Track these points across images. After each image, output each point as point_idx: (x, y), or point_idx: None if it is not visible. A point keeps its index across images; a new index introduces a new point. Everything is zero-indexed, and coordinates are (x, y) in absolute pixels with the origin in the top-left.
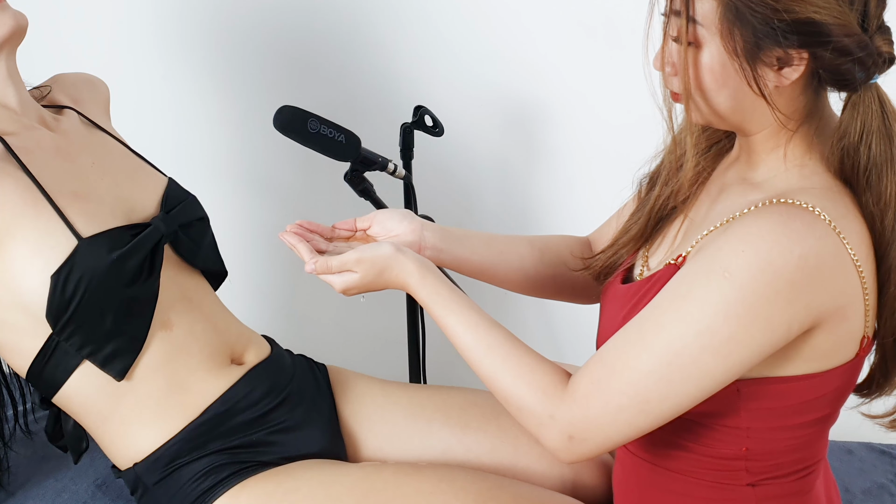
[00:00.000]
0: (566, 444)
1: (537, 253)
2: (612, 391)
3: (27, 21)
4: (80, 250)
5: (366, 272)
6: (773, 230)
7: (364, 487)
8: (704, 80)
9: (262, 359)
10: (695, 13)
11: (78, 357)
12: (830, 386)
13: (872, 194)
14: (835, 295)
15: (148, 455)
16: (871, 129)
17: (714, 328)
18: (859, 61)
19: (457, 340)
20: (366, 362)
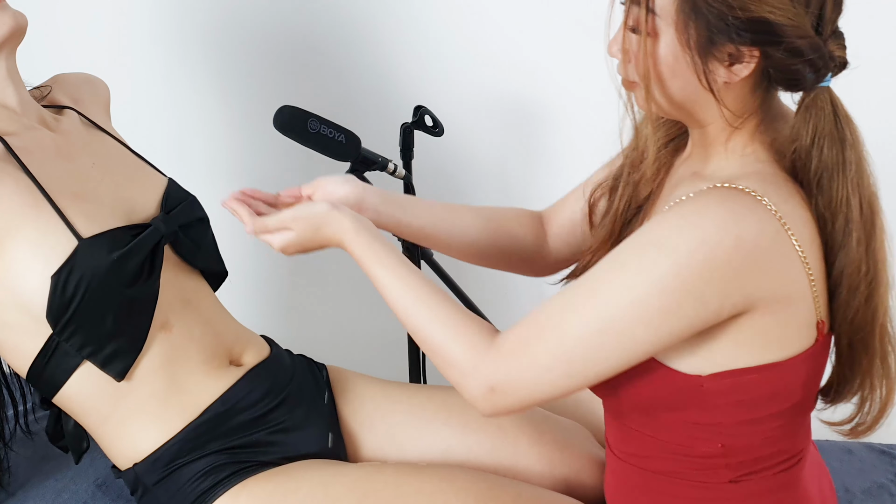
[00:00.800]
0: (487, 395)
1: (482, 222)
2: (540, 351)
3: (27, 21)
4: (81, 251)
5: (302, 230)
6: (713, 209)
7: (364, 487)
8: (658, 70)
9: (261, 359)
10: (653, 4)
11: (78, 357)
12: (795, 374)
13: (823, 198)
14: (774, 279)
15: (148, 455)
16: (824, 133)
17: (646, 300)
18: (810, 63)
19: (388, 294)
20: (366, 362)
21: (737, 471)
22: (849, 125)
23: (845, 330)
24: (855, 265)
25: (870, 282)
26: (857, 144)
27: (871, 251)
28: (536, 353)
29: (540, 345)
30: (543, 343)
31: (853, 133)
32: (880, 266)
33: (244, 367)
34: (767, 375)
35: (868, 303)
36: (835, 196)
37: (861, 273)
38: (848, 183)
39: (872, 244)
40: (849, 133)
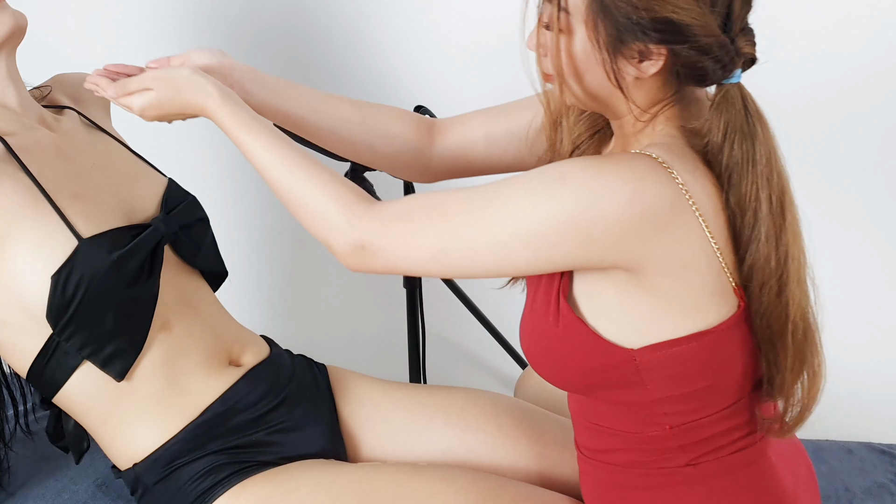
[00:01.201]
0: (357, 251)
1: (357, 117)
2: (418, 230)
3: (27, 21)
4: (81, 251)
5: (162, 89)
6: (619, 165)
7: (364, 487)
8: (571, 66)
9: (261, 359)
10: (566, 3)
11: (78, 357)
12: (724, 342)
13: (733, 193)
14: (670, 241)
15: (147, 455)
16: (735, 128)
17: (531, 220)
18: (717, 60)
19: (257, 159)
20: (366, 362)
21: (691, 453)
22: (759, 120)
23: (760, 325)
24: (764, 260)
25: (779, 276)
26: (768, 140)
27: (781, 246)
28: (416, 229)
29: (423, 225)
30: (427, 225)
31: (764, 128)
32: (790, 261)
33: (244, 367)
34: (696, 345)
35: (779, 298)
36: (744, 191)
37: (770, 268)
38: (758, 178)
39: (782, 239)
40: (759, 128)
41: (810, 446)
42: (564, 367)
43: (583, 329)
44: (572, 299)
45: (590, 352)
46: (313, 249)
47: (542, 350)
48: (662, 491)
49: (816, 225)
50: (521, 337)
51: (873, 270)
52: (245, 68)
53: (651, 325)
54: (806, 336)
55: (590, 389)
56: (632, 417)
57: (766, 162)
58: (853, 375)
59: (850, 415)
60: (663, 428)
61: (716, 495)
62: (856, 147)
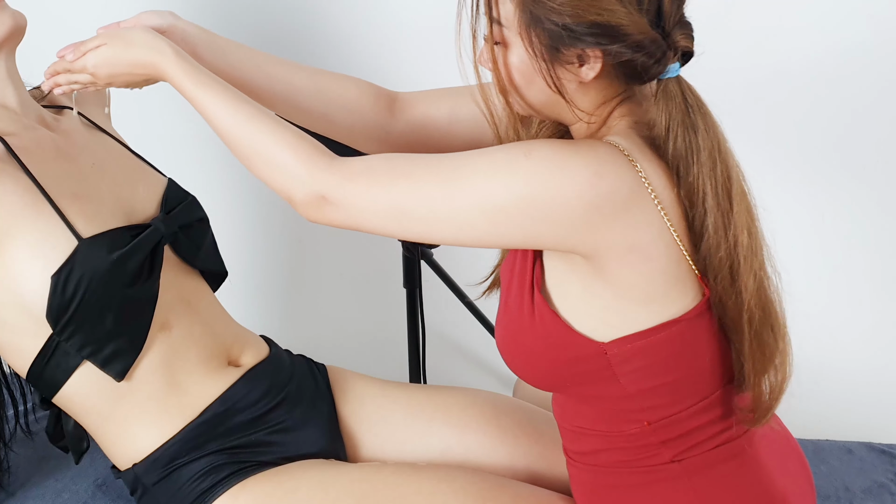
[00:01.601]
0: (317, 202)
1: (314, 85)
2: (381, 186)
3: (26, 20)
4: (81, 251)
5: (114, 45)
6: (580, 146)
7: (363, 487)
8: (514, 78)
9: (260, 359)
10: (499, 15)
11: (78, 357)
12: (692, 331)
13: (683, 185)
14: (629, 226)
15: (147, 455)
16: (676, 121)
17: (492, 191)
18: (650, 55)
19: (214, 116)
20: (366, 362)
21: (674, 448)
22: (701, 113)
23: (719, 314)
24: (714, 250)
25: (730, 266)
26: (710, 131)
27: (730, 236)
28: (379, 186)
29: (386, 182)
30: (390, 183)
31: (706, 120)
32: (740, 250)
33: (243, 367)
34: (664, 336)
35: (733, 287)
36: (692, 182)
37: (721, 257)
38: (702, 169)
39: (730, 229)
40: (700, 121)
41: (810, 446)
42: (538, 362)
43: (556, 321)
44: (545, 292)
45: (562, 345)
46: (313, 249)
47: (516, 345)
48: (649, 488)
49: (817, 224)
50: (497, 334)
51: (874, 270)
52: (197, 30)
53: (618, 317)
54: (764, 324)
55: (563, 385)
56: (610, 415)
57: (710, 153)
58: (853, 375)
59: (850, 415)
60: (641, 424)
61: (702, 490)
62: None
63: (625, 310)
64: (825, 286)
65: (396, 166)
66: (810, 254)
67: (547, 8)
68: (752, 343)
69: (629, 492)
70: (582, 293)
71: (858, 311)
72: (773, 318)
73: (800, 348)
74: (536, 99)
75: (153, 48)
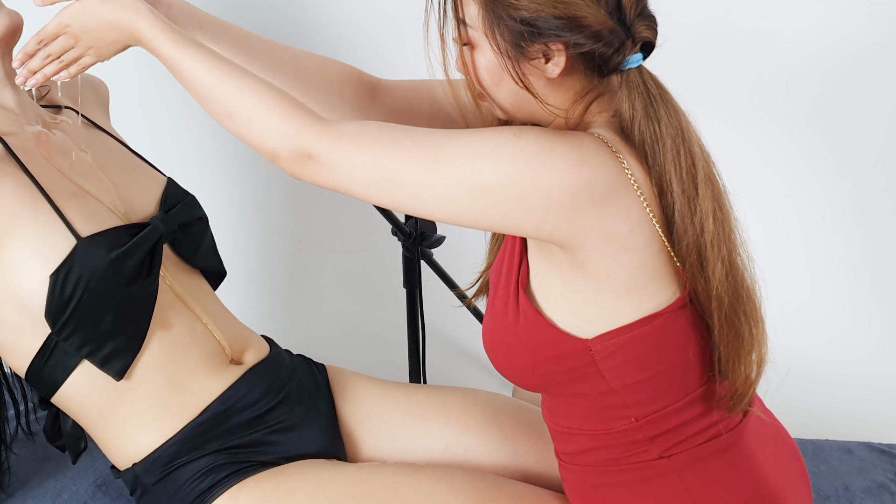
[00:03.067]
0: (302, 158)
1: (294, 66)
2: (368, 150)
3: (23, 20)
4: (79, 250)
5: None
6: (566, 135)
7: (363, 487)
8: (483, 79)
9: (260, 359)
10: (464, 16)
11: (77, 357)
12: (674, 324)
13: (654, 174)
14: (605, 215)
15: (147, 455)
16: (639, 112)
17: (478, 168)
18: (609, 45)
19: (193, 76)
20: (366, 362)
21: (662, 444)
22: (663, 102)
23: (695, 300)
24: (681, 237)
25: (698, 253)
26: (673, 119)
27: (696, 223)
28: (366, 149)
29: (373, 147)
30: (377, 148)
31: (668, 108)
32: (707, 237)
33: (244, 365)
34: (647, 329)
35: (702, 274)
36: (659, 171)
37: (687, 245)
38: (667, 157)
39: (696, 216)
40: (663, 110)
41: (810, 446)
42: (523, 361)
43: (539, 320)
44: (530, 292)
45: (547, 343)
46: (313, 249)
47: (501, 345)
48: (640, 486)
49: (817, 224)
50: (483, 336)
51: (874, 270)
52: (181, 2)
53: (600, 312)
54: (735, 311)
55: (550, 383)
56: (597, 414)
57: (673, 141)
58: (853, 375)
59: (850, 415)
60: (629, 421)
61: (692, 485)
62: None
63: (606, 304)
64: (825, 286)
65: (387, 133)
66: (810, 254)
67: (507, 5)
68: (722, 329)
69: (620, 490)
70: (563, 289)
71: (859, 311)
72: (745, 305)
73: (800, 348)
74: (507, 99)
75: (129, 7)
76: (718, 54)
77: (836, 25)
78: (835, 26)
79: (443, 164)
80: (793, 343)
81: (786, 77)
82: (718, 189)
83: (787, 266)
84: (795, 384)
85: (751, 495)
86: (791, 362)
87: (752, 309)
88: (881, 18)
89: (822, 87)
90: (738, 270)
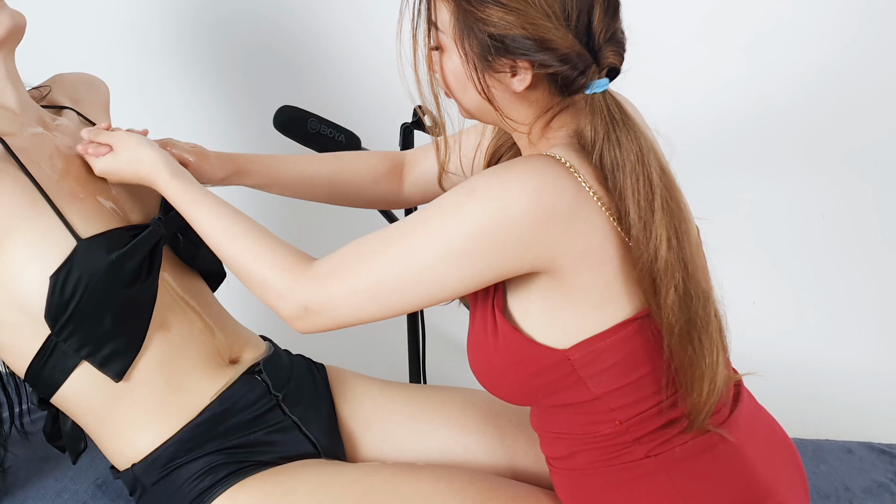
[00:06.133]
0: (302, 314)
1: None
2: (350, 276)
3: (25, 21)
4: (79, 251)
5: (120, 154)
6: (519, 167)
7: (362, 487)
8: (449, 82)
9: (259, 358)
10: (436, 20)
11: (76, 358)
12: (649, 330)
13: (616, 194)
14: (577, 234)
15: (146, 455)
16: (601, 135)
17: (448, 239)
18: (574, 68)
19: (205, 231)
20: (365, 362)
21: (647, 444)
22: (625, 127)
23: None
24: (636, 261)
25: (651, 278)
26: (633, 146)
27: (650, 248)
28: (348, 276)
29: (353, 270)
30: (356, 269)
31: (629, 135)
32: (659, 263)
33: (242, 365)
34: (622, 335)
35: (654, 299)
36: (620, 192)
37: (642, 269)
38: (626, 181)
39: (651, 241)
40: (624, 136)
41: (810, 446)
42: (506, 379)
43: (518, 338)
44: (508, 313)
45: (527, 359)
46: (313, 250)
47: (485, 364)
48: (629, 486)
49: (817, 225)
50: (468, 354)
51: (874, 270)
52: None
53: (577, 323)
54: (688, 337)
55: (535, 397)
56: (583, 420)
57: (632, 167)
58: (853, 375)
59: (850, 415)
60: (614, 424)
61: (681, 483)
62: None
63: (586, 316)
64: (825, 286)
65: (359, 251)
66: (810, 254)
67: (478, 18)
68: (673, 353)
69: (611, 490)
70: (542, 307)
71: (859, 311)
72: (699, 333)
73: (800, 348)
74: (471, 105)
75: (152, 167)
76: (718, 53)
77: (836, 27)
78: (836, 27)
79: (416, 250)
80: (793, 343)
81: (786, 76)
82: (678, 216)
83: (787, 266)
84: (795, 384)
85: (743, 490)
86: (791, 362)
87: (706, 338)
88: (880, 18)
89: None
90: (694, 299)
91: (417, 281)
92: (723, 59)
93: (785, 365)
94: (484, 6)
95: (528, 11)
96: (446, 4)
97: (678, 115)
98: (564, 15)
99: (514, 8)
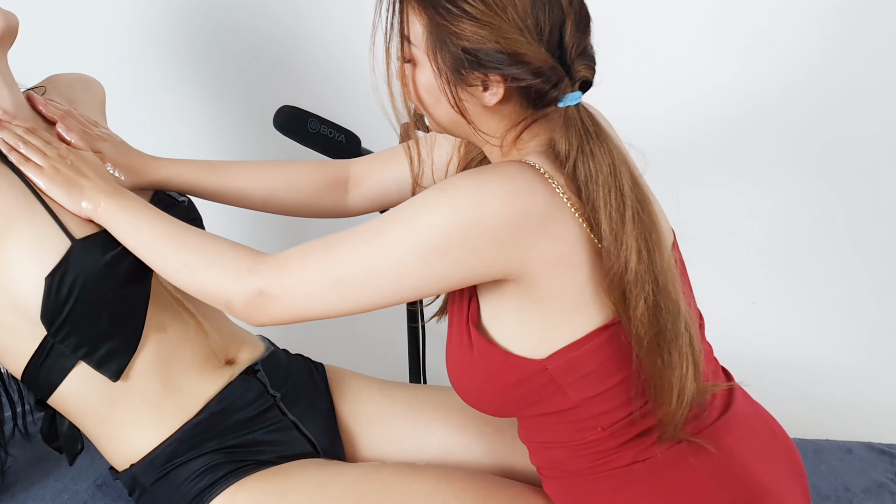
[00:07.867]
0: (256, 300)
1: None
2: (312, 262)
3: (18, 21)
4: (74, 252)
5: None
6: (492, 172)
7: (362, 487)
8: (422, 96)
9: (257, 358)
10: (409, 33)
11: (73, 358)
12: (623, 338)
13: (589, 205)
14: (550, 239)
15: (144, 455)
16: (574, 148)
17: (420, 232)
18: (547, 81)
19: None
20: (365, 362)
21: (633, 450)
22: (598, 140)
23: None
24: (607, 272)
25: (621, 290)
26: (606, 158)
27: (621, 259)
28: (310, 262)
29: (317, 258)
30: (321, 257)
31: (602, 148)
32: (629, 275)
33: (240, 365)
34: (598, 342)
35: (624, 311)
36: (592, 204)
37: (612, 281)
38: (599, 192)
39: (621, 253)
40: (597, 148)
41: (810, 446)
42: (486, 392)
43: (494, 351)
44: (482, 327)
45: (504, 372)
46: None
47: (463, 377)
48: (622, 491)
49: (816, 225)
50: (447, 370)
51: (874, 271)
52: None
53: (552, 332)
54: (657, 350)
55: (517, 408)
56: (566, 428)
57: (605, 179)
58: (853, 375)
59: (850, 415)
60: (596, 431)
61: (673, 486)
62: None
63: (560, 324)
64: (825, 286)
65: (326, 240)
66: (811, 253)
67: (451, 32)
68: (641, 364)
69: (602, 498)
70: (516, 318)
71: (859, 311)
72: (669, 346)
73: (800, 348)
74: (443, 119)
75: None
76: (716, 54)
77: (836, 27)
78: (836, 28)
79: (385, 243)
80: (792, 343)
81: (784, 77)
82: (650, 228)
83: (787, 266)
84: (795, 384)
85: (738, 490)
86: (791, 362)
87: (676, 351)
88: (879, 17)
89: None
90: (664, 312)
91: (383, 272)
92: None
93: (785, 365)
94: (457, 20)
95: (502, 26)
96: (419, 18)
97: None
98: (537, 30)
99: (487, 22)
